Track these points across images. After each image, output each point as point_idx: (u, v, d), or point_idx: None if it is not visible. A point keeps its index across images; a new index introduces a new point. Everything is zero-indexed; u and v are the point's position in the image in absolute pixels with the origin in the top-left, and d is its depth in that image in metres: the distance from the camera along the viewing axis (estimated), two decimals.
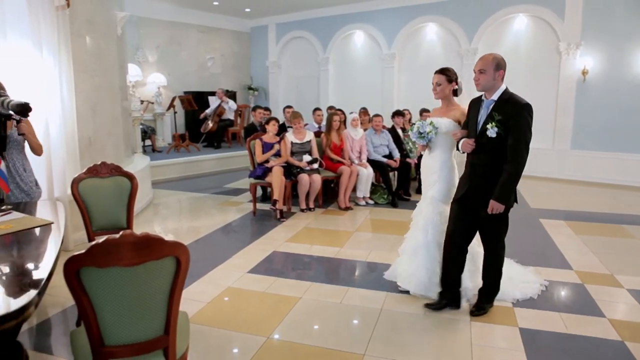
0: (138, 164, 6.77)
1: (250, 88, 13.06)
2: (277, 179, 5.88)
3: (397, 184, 7.20)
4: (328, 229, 5.61)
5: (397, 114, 7.69)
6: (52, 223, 2.69)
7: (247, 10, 11.83)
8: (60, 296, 3.42)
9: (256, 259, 4.49)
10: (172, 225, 6.00)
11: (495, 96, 3.08)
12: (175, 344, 1.90)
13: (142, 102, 9.75)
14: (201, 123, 10.88)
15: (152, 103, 10.73)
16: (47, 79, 4.32)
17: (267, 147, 6.26)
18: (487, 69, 3.05)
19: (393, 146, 7.11)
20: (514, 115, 2.96)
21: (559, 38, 8.66)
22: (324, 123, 7.53)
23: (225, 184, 8.53)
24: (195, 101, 10.91)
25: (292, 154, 6.36)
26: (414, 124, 3.64)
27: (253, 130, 7.34)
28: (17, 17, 4.15)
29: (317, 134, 6.98)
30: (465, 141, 3.20)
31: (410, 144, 7.41)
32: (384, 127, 7.17)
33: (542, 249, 4.88)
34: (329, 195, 6.97)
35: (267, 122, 6.43)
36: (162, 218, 6.34)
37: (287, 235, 5.29)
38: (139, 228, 4.87)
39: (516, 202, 3.16)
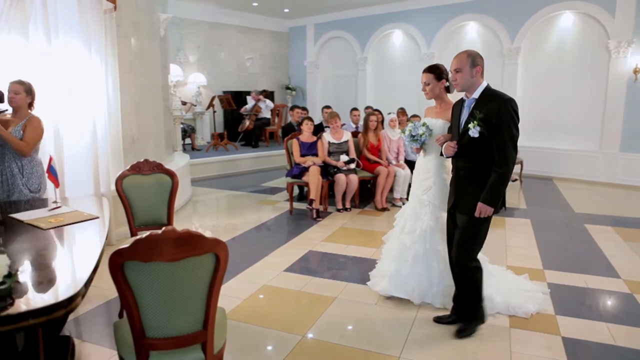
0: (178, 162, 6.94)
1: (288, 88, 13.16)
2: (314, 179, 5.90)
3: None
4: (364, 229, 5.59)
5: None
6: (98, 217, 2.80)
7: (286, 10, 11.92)
8: (103, 288, 3.54)
9: (292, 257, 4.52)
10: (210, 222, 6.11)
11: (476, 94, 2.87)
12: (213, 339, 1.94)
13: (184, 103, 9.99)
14: (239, 122, 11.04)
15: (195, 105, 10.98)
16: (94, 78, 4.49)
17: (304, 146, 6.29)
18: (463, 67, 2.85)
19: None
20: (497, 112, 2.73)
21: (609, 36, 8.30)
22: (361, 123, 7.50)
23: (262, 182, 8.63)
24: (234, 101, 11.08)
25: (329, 153, 6.37)
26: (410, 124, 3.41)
27: (291, 130, 7.39)
28: (68, 19, 4.33)
29: (355, 134, 6.95)
30: (447, 144, 2.98)
31: None
32: None
33: (588, 255, 4.70)
34: (365, 195, 6.93)
35: (302, 122, 6.46)
36: (200, 215, 6.48)
37: (323, 234, 5.30)
38: (179, 224, 4.98)
39: (504, 207, 2.93)
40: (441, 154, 3.13)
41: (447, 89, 3.38)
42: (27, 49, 4.03)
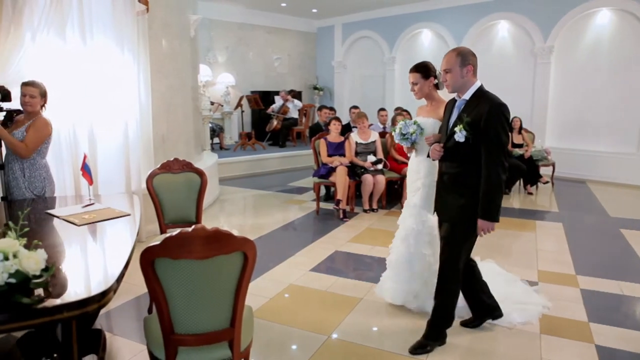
0: (207, 161, 7.03)
1: (315, 88, 13.18)
2: (341, 179, 5.89)
3: None
4: (391, 230, 5.49)
5: None
6: (129, 215, 2.86)
7: (314, 10, 11.94)
8: (133, 284, 3.60)
9: (318, 257, 4.52)
10: (237, 221, 6.17)
11: (467, 95, 2.71)
12: (240, 337, 1.95)
13: (212, 103, 10.12)
14: (267, 122, 11.13)
15: (222, 105, 11.12)
16: (127, 78, 4.59)
17: (331, 146, 6.29)
18: (453, 67, 2.70)
19: None
20: (486, 116, 2.56)
21: None
22: (389, 123, 7.44)
23: (290, 182, 8.67)
24: (262, 100, 11.17)
25: (357, 154, 6.35)
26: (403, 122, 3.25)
27: (318, 130, 7.40)
28: (103, 20, 4.44)
29: (382, 135, 6.91)
30: (433, 147, 2.83)
31: None
32: None
33: (624, 261, 4.54)
34: (392, 196, 6.88)
35: (330, 122, 6.46)
36: (227, 214, 6.55)
37: (349, 235, 5.28)
38: (206, 223, 5.04)
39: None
40: (428, 155, 3.00)
41: (437, 86, 3.26)
42: (64, 50, 4.14)
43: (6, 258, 1.59)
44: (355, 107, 8.08)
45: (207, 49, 11.19)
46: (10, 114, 3.54)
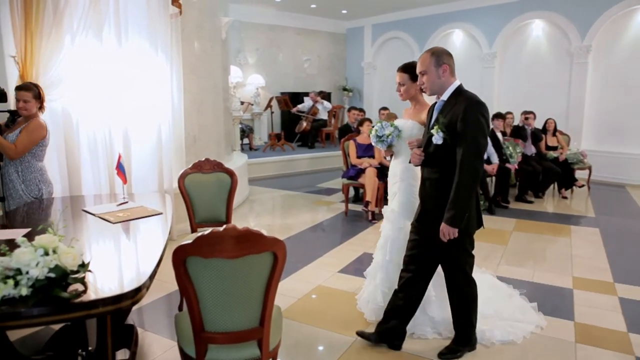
0: (237, 161, 7.11)
1: (345, 89, 13.17)
2: (370, 180, 5.86)
3: (495, 190, 6.84)
4: None
5: (497, 116, 7.29)
6: (161, 213, 2.91)
7: (344, 12, 11.94)
8: (164, 281, 3.67)
9: (346, 259, 4.51)
10: (266, 221, 6.22)
11: (445, 95, 2.59)
12: (269, 336, 1.96)
13: (242, 103, 10.24)
14: (296, 123, 11.18)
15: (252, 105, 11.23)
16: (160, 79, 4.71)
17: (360, 148, 6.27)
18: (428, 69, 2.58)
19: (492, 151, 6.76)
20: (462, 115, 2.42)
21: None
22: None
23: (318, 183, 8.68)
24: (292, 102, 11.23)
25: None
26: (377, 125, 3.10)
27: (347, 131, 7.39)
28: (138, 22, 4.57)
29: None
30: (413, 151, 2.71)
31: (510, 148, 7.00)
32: None
33: None
34: None
35: (361, 123, 6.44)
36: (256, 214, 6.60)
37: (378, 237, 5.22)
38: (236, 223, 5.08)
39: (481, 226, 2.62)
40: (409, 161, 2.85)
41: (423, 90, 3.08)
42: (100, 50, 4.26)
43: (46, 253, 1.64)
44: (384, 108, 8.04)
45: (238, 50, 11.33)
46: (13, 116, 3.53)
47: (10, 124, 3.57)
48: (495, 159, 6.70)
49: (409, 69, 3.00)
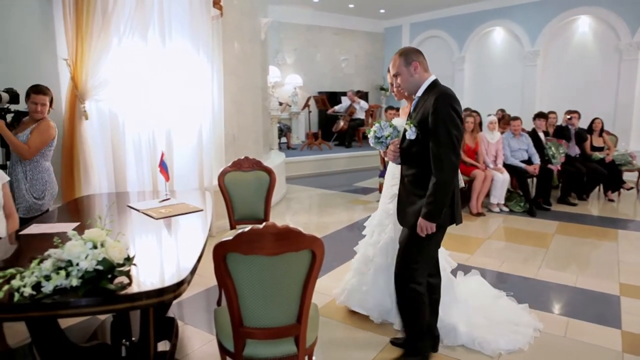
0: (274, 160, 7.19)
1: (382, 88, 13.09)
2: None
3: (537, 191, 6.65)
4: (457, 234, 5.38)
5: (540, 116, 7.08)
6: (202, 210, 2.99)
7: (382, 11, 11.87)
8: (203, 276, 3.75)
9: None
10: (302, 219, 6.26)
11: (420, 91, 2.52)
12: (306, 334, 1.99)
13: (280, 103, 10.35)
14: (333, 122, 11.21)
15: (290, 105, 11.34)
16: (202, 79, 4.83)
17: None
18: (399, 69, 2.53)
19: (533, 151, 6.58)
20: (432, 109, 2.34)
21: None
22: None
23: (355, 182, 8.67)
24: (329, 101, 11.26)
25: None
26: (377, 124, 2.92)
27: None
28: (181, 23, 4.71)
29: None
30: (388, 148, 2.66)
31: (552, 149, 6.79)
32: (523, 130, 6.69)
33: None
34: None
35: None
36: (293, 212, 6.66)
37: None
38: (273, 220, 5.16)
39: (454, 222, 2.50)
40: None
41: None
42: (145, 50, 4.41)
43: (95, 247, 1.72)
44: None
45: (276, 50, 11.45)
46: (19, 116, 3.57)
47: (15, 123, 3.61)
48: (536, 160, 6.51)
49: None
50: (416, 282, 2.56)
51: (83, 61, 4.01)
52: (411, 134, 2.44)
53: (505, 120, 7.47)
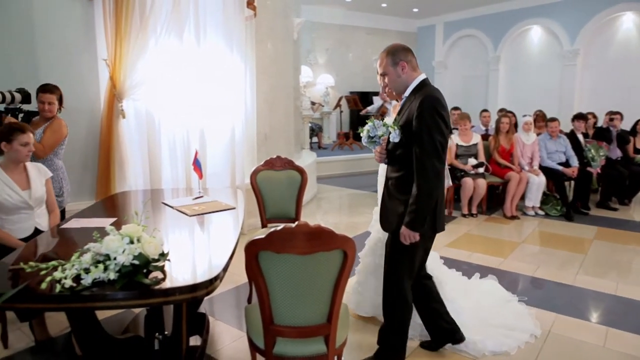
0: (306, 159, 7.21)
1: None
2: None
3: (574, 195, 6.45)
4: (491, 237, 5.29)
5: (579, 117, 6.84)
6: (235, 208, 3.02)
7: (415, 10, 11.75)
8: (234, 273, 3.79)
9: None
10: (333, 219, 6.26)
11: (408, 92, 2.43)
12: (336, 333, 1.98)
13: (313, 103, 10.38)
14: (364, 122, 11.14)
15: (322, 106, 11.36)
16: (235, 78, 4.90)
17: None
18: (386, 69, 2.44)
19: (571, 153, 6.38)
20: (417, 112, 2.26)
21: None
22: (491, 125, 7.11)
23: None
24: (361, 101, 11.23)
25: (457, 156, 6.14)
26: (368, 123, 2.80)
27: None
28: (215, 23, 4.79)
29: (484, 137, 6.61)
30: (375, 149, 2.61)
31: (592, 151, 6.55)
32: (560, 131, 6.49)
33: None
34: (494, 201, 6.55)
35: None
36: (324, 211, 6.67)
37: (446, 239, 5.12)
38: (304, 219, 5.18)
39: (436, 231, 2.44)
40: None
41: None
42: (180, 49, 4.50)
43: (131, 242, 1.77)
44: (455, 108, 7.82)
45: (308, 50, 11.49)
46: (29, 116, 3.57)
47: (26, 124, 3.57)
48: (574, 162, 6.31)
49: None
50: (400, 287, 2.52)
51: (121, 61, 4.12)
52: (395, 137, 2.39)
53: (540, 120, 7.26)
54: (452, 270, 3.52)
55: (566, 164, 6.32)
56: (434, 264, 3.05)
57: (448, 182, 5.88)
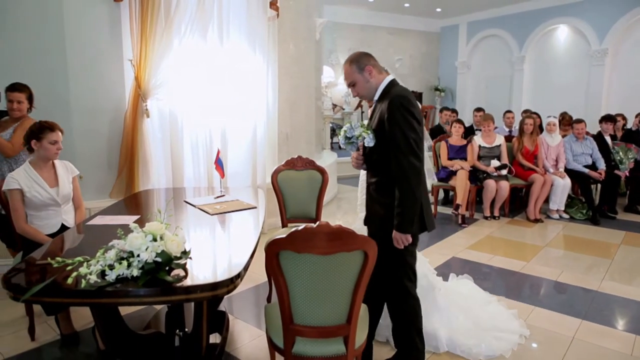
0: (326, 160, 7.22)
1: (437, 89, 12.83)
2: (461, 183, 5.67)
3: (601, 198, 6.29)
4: (513, 240, 5.20)
5: (607, 119, 6.68)
6: (256, 207, 3.04)
7: (438, 10, 11.63)
8: (254, 272, 3.81)
9: (434, 262, 4.39)
10: (352, 219, 6.24)
11: (377, 95, 2.40)
12: (355, 334, 1.97)
13: (334, 106, 10.38)
14: None
15: (343, 109, 11.35)
16: (257, 78, 4.93)
17: (452, 149, 6.08)
18: (354, 77, 2.40)
19: (598, 156, 6.23)
20: (387, 114, 2.22)
21: None
22: (515, 126, 6.99)
23: None
24: None
25: (479, 158, 6.06)
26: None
27: (439, 132, 7.19)
28: (239, 24, 4.84)
29: (508, 138, 6.51)
30: (351, 155, 2.56)
31: (620, 153, 6.39)
32: (587, 133, 6.34)
33: None
34: (516, 204, 6.44)
35: (451, 125, 6.27)
36: (344, 212, 6.65)
37: (468, 241, 5.06)
38: (323, 220, 5.18)
39: (425, 230, 2.36)
40: None
41: None
42: (204, 49, 4.54)
43: (154, 239, 1.79)
44: (478, 109, 7.71)
45: (330, 51, 11.48)
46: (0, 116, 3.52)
47: None
48: (601, 165, 6.16)
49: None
50: (407, 291, 2.46)
51: (146, 61, 4.18)
52: (369, 141, 2.35)
53: (566, 122, 7.11)
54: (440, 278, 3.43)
55: (593, 166, 6.18)
56: (424, 269, 3.01)
57: (433, 180, 5.83)
